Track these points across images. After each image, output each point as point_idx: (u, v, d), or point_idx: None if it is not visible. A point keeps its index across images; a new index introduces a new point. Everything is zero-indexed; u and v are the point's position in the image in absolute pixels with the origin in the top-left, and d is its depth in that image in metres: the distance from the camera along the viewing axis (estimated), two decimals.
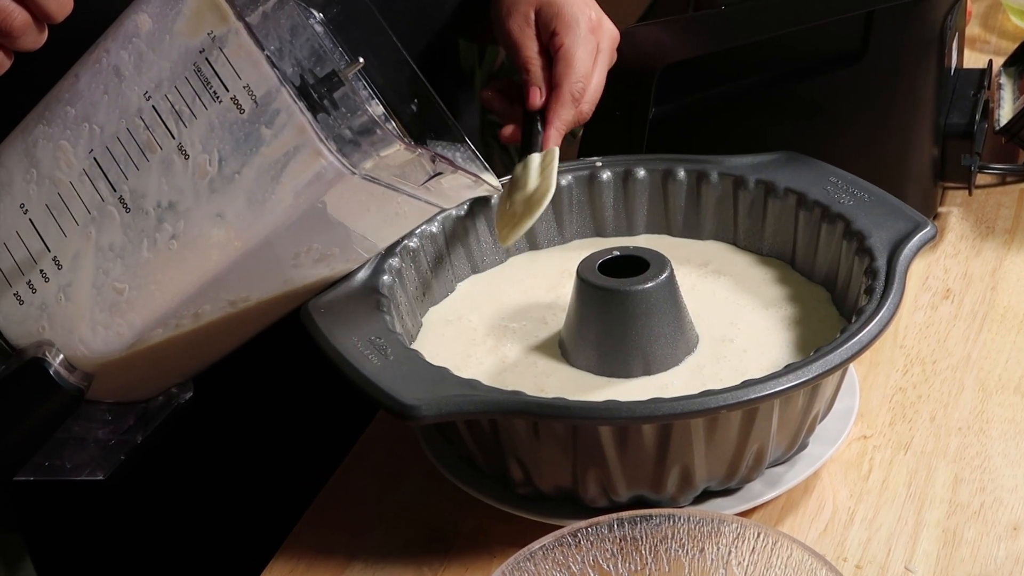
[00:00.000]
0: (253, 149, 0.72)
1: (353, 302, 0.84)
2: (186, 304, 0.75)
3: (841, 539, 0.82)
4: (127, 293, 0.75)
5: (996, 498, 0.83)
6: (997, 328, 0.97)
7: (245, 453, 1.09)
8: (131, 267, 0.75)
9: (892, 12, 0.99)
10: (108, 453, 0.82)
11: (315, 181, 0.71)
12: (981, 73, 1.12)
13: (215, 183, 0.73)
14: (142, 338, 0.76)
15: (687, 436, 0.77)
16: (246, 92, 0.71)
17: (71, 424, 0.80)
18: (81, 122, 0.75)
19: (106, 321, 0.76)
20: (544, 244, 0.97)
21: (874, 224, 0.88)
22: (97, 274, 0.76)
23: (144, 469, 1.06)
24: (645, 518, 0.74)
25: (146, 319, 0.76)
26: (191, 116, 0.73)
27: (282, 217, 0.73)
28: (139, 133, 0.74)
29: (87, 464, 0.81)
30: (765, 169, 0.95)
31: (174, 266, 0.74)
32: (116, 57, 0.75)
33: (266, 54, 0.71)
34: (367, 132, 0.71)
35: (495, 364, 0.86)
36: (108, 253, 0.75)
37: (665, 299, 0.84)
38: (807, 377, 0.76)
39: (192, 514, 1.10)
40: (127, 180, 0.74)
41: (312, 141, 0.71)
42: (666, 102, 1.04)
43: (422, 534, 0.85)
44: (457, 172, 0.76)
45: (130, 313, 0.75)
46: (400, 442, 0.91)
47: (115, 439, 0.82)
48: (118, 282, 0.75)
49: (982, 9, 1.43)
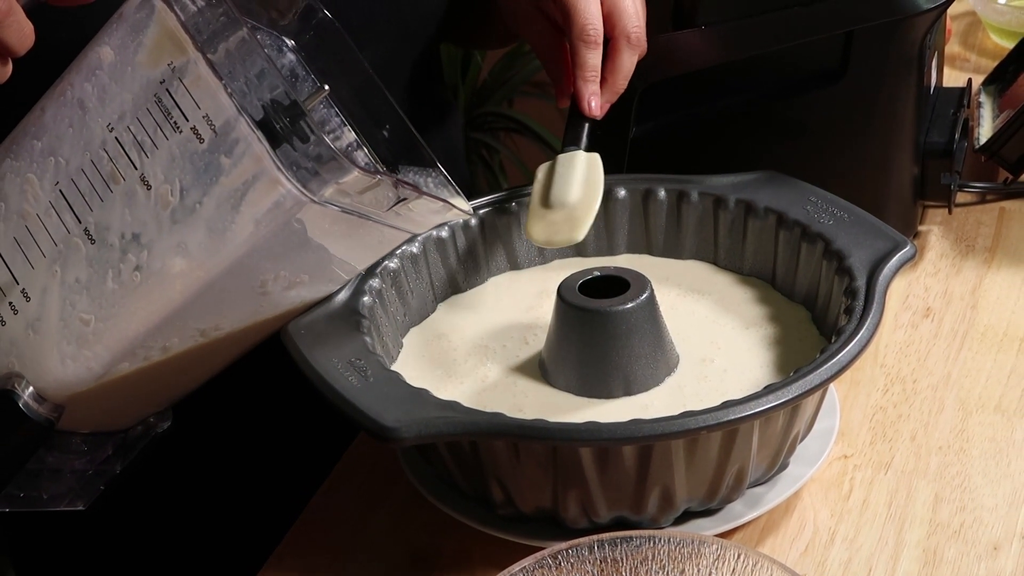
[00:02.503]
0: (213, 179, 0.72)
1: (333, 323, 0.84)
2: (153, 334, 0.75)
3: (822, 559, 0.82)
4: (93, 324, 0.75)
5: (976, 517, 0.83)
6: (977, 347, 0.98)
7: (225, 475, 1.09)
8: (96, 299, 0.75)
9: (872, 31, 0.99)
10: (87, 483, 0.82)
11: (274, 209, 0.72)
12: (961, 92, 1.13)
13: (177, 213, 0.73)
14: (111, 370, 0.76)
15: (667, 457, 0.77)
16: (205, 122, 0.72)
17: (45, 455, 0.79)
18: (47, 155, 0.75)
19: (74, 353, 0.76)
20: (525, 264, 0.97)
21: (854, 244, 0.88)
22: (64, 306, 0.75)
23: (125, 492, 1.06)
24: (625, 539, 0.74)
25: (113, 351, 0.75)
26: (152, 147, 0.73)
27: (243, 246, 0.73)
28: (103, 165, 0.74)
29: (65, 495, 0.81)
30: (745, 189, 0.95)
31: (139, 297, 0.74)
32: (80, 90, 0.75)
33: (223, 83, 0.71)
34: (325, 160, 0.71)
35: (475, 385, 0.86)
36: (74, 285, 0.75)
37: (645, 319, 0.84)
38: (787, 398, 0.76)
39: (173, 536, 1.10)
40: (92, 212, 0.74)
41: (270, 170, 0.71)
42: (646, 121, 1.05)
43: (404, 556, 0.85)
44: (423, 197, 0.76)
45: (97, 345, 0.75)
46: (381, 464, 0.91)
47: (93, 469, 0.81)
48: (84, 313, 0.75)
49: (962, 27, 1.43)
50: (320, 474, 0.92)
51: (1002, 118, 1.14)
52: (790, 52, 1.01)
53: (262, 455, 1.09)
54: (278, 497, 0.98)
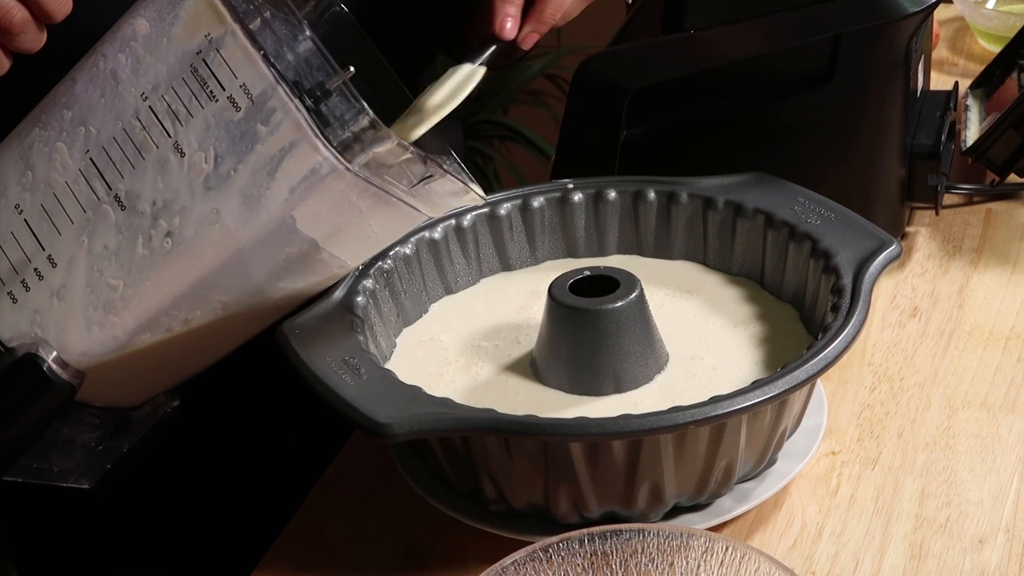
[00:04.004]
0: (249, 147, 0.73)
1: (327, 323, 0.85)
2: (178, 303, 0.76)
3: (810, 553, 0.83)
4: (121, 290, 0.75)
5: (962, 512, 0.85)
6: (963, 345, 0.99)
7: (221, 473, 1.09)
8: (125, 265, 0.75)
9: (858, 35, 1.00)
10: (95, 461, 0.82)
11: (310, 176, 0.72)
12: (947, 95, 1.14)
13: (211, 181, 0.73)
14: (133, 339, 0.77)
15: (656, 452, 0.78)
16: (242, 91, 0.73)
17: (60, 426, 0.80)
18: (78, 125, 0.76)
19: (100, 320, 0.76)
20: (517, 265, 0.99)
21: (840, 243, 0.89)
22: (91, 272, 0.76)
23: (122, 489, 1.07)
24: (615, 533, 0.75)
25: (139, 318, 0.76)
26: (187, 115, 0.73)
27: (276, 214, 0.73)
28: (135, 134, 0.75)
29: (73, 470, 0.82)
30: (734, 190, 0.96)
31: (168, 263, 0.75)
32: (113, 61, 0.76)
33: (262, 54, 0.72)
34: (362, 129, 0.72)
35: (467, 383, 0.87)
36: (103, 252, 0.76)
37: (635, 318, 0.85)
38: (774, 393, 0.77)
39: (170, 534, 1.11)
40: (123, 180, 0.75)
41: (308, 137, 0.72)
42: (637, 125, 1.06)
43: (398, 552, 0.86)
44: (447, 176, 0.77)
45: (124, 311, 0.76)
46: (375, 461, 0.92)
47: (102, 445, 0.82)
48: (112, 279, 0.76)
49: (950, 32, 1.44)
50: (315, 472, 0.93)
51: (989, 121, 1.15)
52: (778, 56, 1.02)
53: (257, 453, 1.10)
54: (273, 495, 0.99)
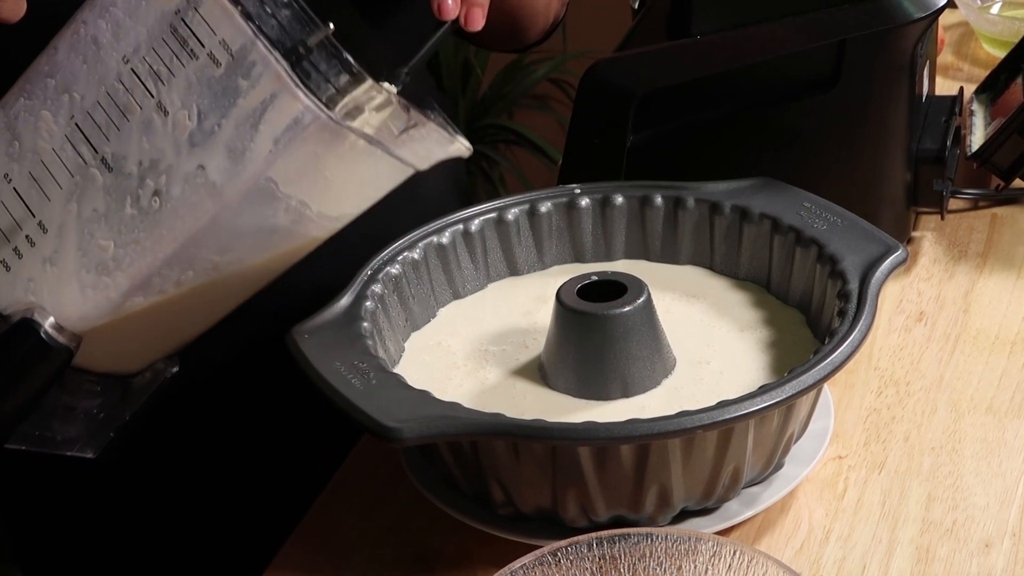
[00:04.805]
0: (231, 101, 0.73)
1: (336, 328, 0.86)
2: (171, 263, 0.76)
3: (816, 557, 0.83)
4: (112, 251, 0.76)
5: (968, 516, 0.85)
6: (969, 350, 0.99)
7: (230, 477, 1.10)
8: (115, 226, 0.76)
9: (864, 40, 1.01)
10: (97, 428, 0.82)
11: (293, 127, 0.73)
12: (952, 100, 1.14)
13: (195, 137, 0.74)
14: (127, 302, 0.77)
15: (664, 456, 0.78)
16: (222, 47, 0.73)
17: (60, 393, 0.80)
18: (61, 92, 0.77)
19: (93, 281, 0.76)
20: (525, 270, 0.99)
21: (847, 248, 0.89)
22: (82, 236, 0.76)
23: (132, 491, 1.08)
24: (623, 537, 0.75)
25: (132, 278, 0.76)
26: (169, 75, 0.74)
27: (262, 167, 0.74)
28: (119, 96, 0.75)
29: (76, 439, 0.82)
30: (740, 195, 0.96)
31: (158, 223, 0.75)
32: (94, 27, 0.76)
33: (240, 9, 0.72)
34: (346, 82, 0.72)
35: (476, 387, 0.87)
36: (92, 215, 0.76)
37: (643, 323, 0.85)
38: (781, 397, 0.78)
39: (179, 538, 1.11)
40: (109, 143, 0.75)
41: (288, 87, 0.72)
42: (643, 130, 1.06)
43: (406, 556, 0.86)
44: (430, 124, 0.78)
45: (116, 272, 0.76)
46: (383, 465, 0.93)
47: (104, 413, 0.82)
48: (103, 240, 0.76)
49: (955, 37, 1.45)
50: (324, 476, 0.93)
51: (993, 125, 1.15)
52: (784, 61, 1.02)
53: (267, 457, 1.10)
54: (283, 498, 1.00)
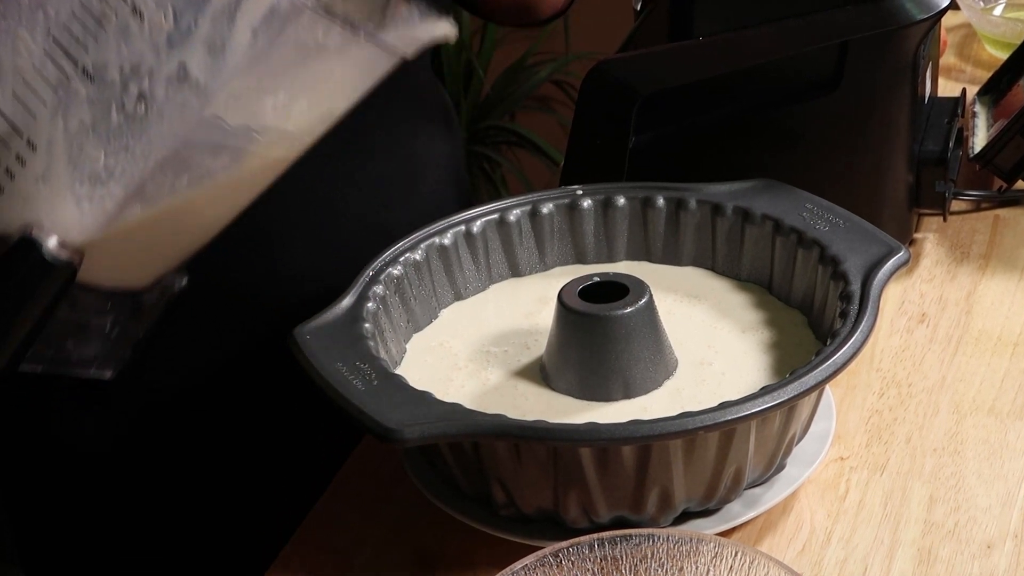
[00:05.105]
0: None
1: (338, 329, 0.86)
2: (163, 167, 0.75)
3: (818, 558, 0.83)
4: (103, 161, 0.75)
5: (970, 517, 0.85)
6: (971, 351, 0.99)
7: (231, 478, 1.10)
8: (103, 135, 0.75)
9: (866, 42, 1.00)
10: (112, 347, 0.81)
11: (270, 16, 0.72)
12: (955, 101, 1.14)
13: (173, 37, 0.74)
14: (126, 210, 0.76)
15: (666, 457, 0.78)
16: None
17: (70, 312, 0.80)
18: (35, 10, 0.77)
19: (88, 193, 0.76)
20: (527, 271, 0.99)
21: (849, 249, 0.89)
22: (71, 149, 0.76)
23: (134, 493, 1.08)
24: (625, 538, 0.75)
25: (127, 186, 0.75)
26: None
27: (242, 60, 0.73)
28: (93, 6, 0.75)
29: (91, 360, 0.81)
30: (742, 196, 0.96)
31: (145, 127, 0.75)
32: None
33: None
34: None
35: (477, 388, 0.87)
36: (79, 127, 0.76)
37: (644, 324, 0.85)
38: (783, 399, 0.78)
39: (180, 539, 1.11)
40: (88, 53, 0.75)
41: None
42: (646, 131, 1.06)
43: (408, 557, 0.86)
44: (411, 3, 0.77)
45: (110, 182, 0.76)
46: (384, 466, 0.93)
47: (117, 329, 0.82)
48: (93, 150, 0.76)
49: (958, 39, 1.45)
50: (325, 477, 0.93)
51: (996, 127, 1.15)
52: (786, 63, 1.02)
53: (268, 458, 1.10)
54: (284, 499, 1.00)
